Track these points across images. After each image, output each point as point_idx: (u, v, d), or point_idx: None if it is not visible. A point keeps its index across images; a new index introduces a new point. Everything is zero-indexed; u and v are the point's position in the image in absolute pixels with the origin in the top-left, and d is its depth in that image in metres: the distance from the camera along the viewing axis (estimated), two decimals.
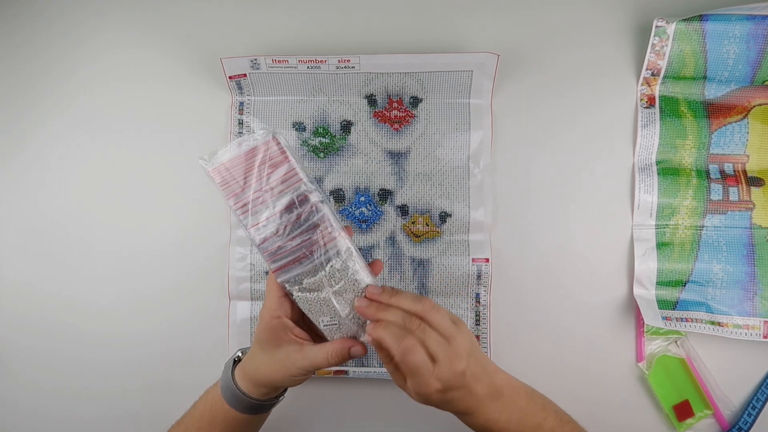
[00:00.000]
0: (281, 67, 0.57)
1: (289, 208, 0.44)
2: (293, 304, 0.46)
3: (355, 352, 0.45)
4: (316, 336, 0.47)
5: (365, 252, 0.60)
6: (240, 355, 0.50)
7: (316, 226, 0.44)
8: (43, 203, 0.62)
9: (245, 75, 0.58)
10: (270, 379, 0.46)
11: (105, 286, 0.61)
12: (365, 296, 0.45)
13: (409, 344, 0.41)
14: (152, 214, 0.62)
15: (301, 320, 0.47)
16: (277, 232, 0.44)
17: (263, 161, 0.44)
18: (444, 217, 0.60)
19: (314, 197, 0.45)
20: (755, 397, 0.59)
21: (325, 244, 0.45)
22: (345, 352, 0.45)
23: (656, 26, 0.57)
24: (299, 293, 0.45)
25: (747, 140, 0.60)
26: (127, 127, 0.62)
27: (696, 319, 0.59)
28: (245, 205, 0.45)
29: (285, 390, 0.51)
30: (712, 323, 0.58)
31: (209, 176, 0.45)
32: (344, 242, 0.45)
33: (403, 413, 0.61)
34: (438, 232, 0.60)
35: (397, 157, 0.61)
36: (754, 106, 0.59)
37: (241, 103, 0.61)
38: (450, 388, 0.42)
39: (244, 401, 0.48)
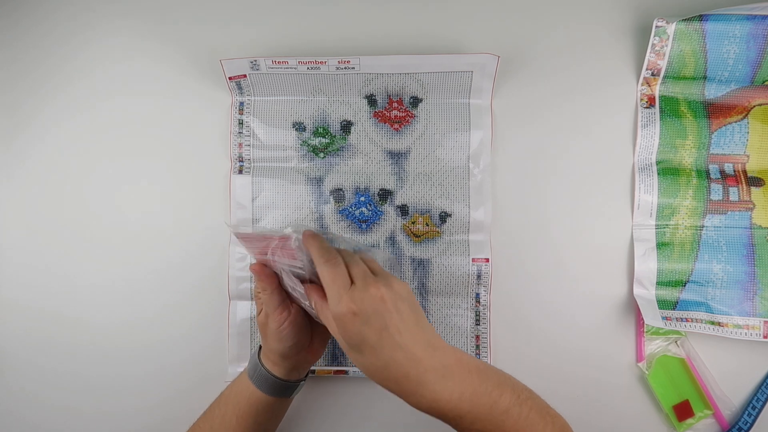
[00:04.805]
0: (281, 68, 0.57)
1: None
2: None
3: (251, 269, 0.49)
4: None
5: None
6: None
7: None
8: (45, 203, 0.62)
9: (245, 76, 0.58)
10: (275, 344, 0.50)
11: (105, 285, 0.62)
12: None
13: (333, 255, 0.43)
14: (152, 213, 0.62)
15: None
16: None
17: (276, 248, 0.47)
18: (444, 217, 0.60)
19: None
20: (755, 397, 0.59)
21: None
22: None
23: (656, 26, 0.57)
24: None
25: (747, 140, 0.60)
26: (127, 128, 0.62)
27: (696, 319, 0.59)
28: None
29: (307, 375, 0.55)
30: (712, 323, 0.58)
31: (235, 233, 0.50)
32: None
33: (403, 413, 0.61)
34: (438, 232, 0.60)
35: (397, 157, 0.61)
36: (754, 106, 0.59)
37: (241, 103, 0.61)
38: (367, 315, 0.41)
39: (270, 381, 0.51)
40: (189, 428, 0.53)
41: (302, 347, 0.51)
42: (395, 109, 0.61)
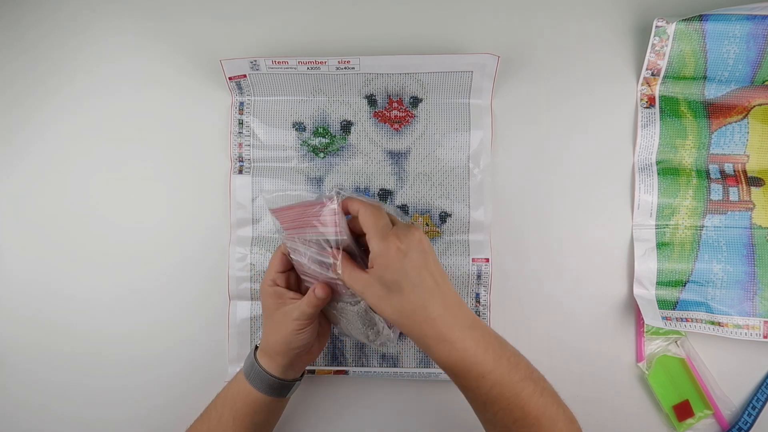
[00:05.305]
0: (281, 68, 0.57)
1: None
2: (288, 277, 0.51)
3: (318, 292, 0.48)
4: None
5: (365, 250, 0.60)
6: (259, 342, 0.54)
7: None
8: (45, 204, 0.62)
9: (245, 76, 0.58)
10: (279, 342, 0.50)
11: (104, 285, 0.62)
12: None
13: (377, 203, 0.47)
14: (152, 213, 0.62)
15: (297, 289, 0.52)
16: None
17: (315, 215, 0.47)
18: (444, 217, 0.60)
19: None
20: (755, 397, 0.59)
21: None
22: (312, 294, 0.48)
23: (656, 26, 0.57)
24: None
25: (747, 140, 0.60)
26: (127, 129, 0.62)
27: (696, 319, 0.59)
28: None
29: (302, 375, 0.55)
30: (712, 323, 0.58)
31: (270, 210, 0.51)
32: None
33: (402, 412, 0.61)
34: (438, 232, 0.60)
35: (397, 157, 0.61)
36: (754, 106, 0.59)
37: (241, 103, 0.61)
38: (409, 250, 0.43)
39: (266, 379, 0.51)
40: (186, 430, 0.53)
41: (305, 350, 0.51)
42: (395, 109, 0.61)
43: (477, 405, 0.45)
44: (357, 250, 0.48)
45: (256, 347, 0.53)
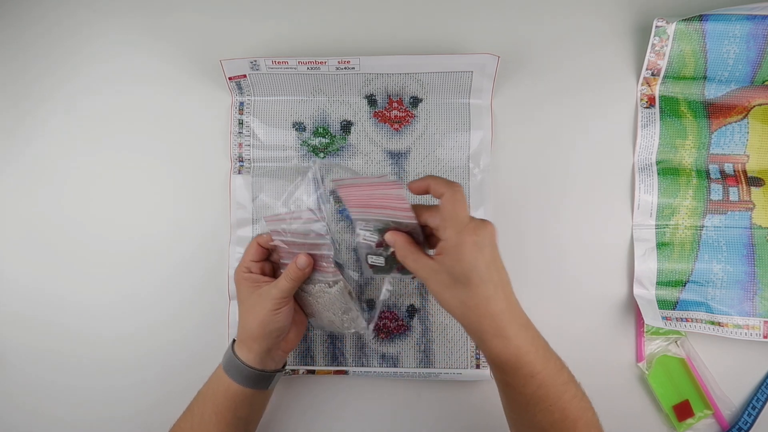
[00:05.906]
0: (281, 68, 0.57)
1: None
2: (263, 267, 0.52)
3: (299, 262, 0.49)
4: None
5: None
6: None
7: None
8: (43, 205, 0.62)
9: (245, 76, 0.58)
10: (255, 326, 0.50)
11: (104, 286, 0.62)
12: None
13: (458, 184, 0.46)
14: (152, 213, 0.62)
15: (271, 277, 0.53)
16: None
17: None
18: None
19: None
20: (755, 397, 0.59)
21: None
22: (293, 266, 0.49)
23: (656, 26, 0.57)
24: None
25: (747, 140, 0.60)
26: (127, 128, 0.62)
27: (696, 319, 0.59)
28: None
29: (284, 366, 0.55)
30: (712, 323, 0.58)
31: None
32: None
33: (402, 412, 0.61)
34: None
35: (397, 157, 0.61)
36: (754, 106, 0.59)
37: (241, 103, 0.61)
38: (483, 245, 0.43)
39: (244, 371, 0.50)
40: (170, 429, 0.52)
41: (281, 333, 0.51)
42: (395, 109, 0.61)
43: (518, 404, 0.46)
44: (421, 233, 0.48)
45: (234, 340, 0.53)
